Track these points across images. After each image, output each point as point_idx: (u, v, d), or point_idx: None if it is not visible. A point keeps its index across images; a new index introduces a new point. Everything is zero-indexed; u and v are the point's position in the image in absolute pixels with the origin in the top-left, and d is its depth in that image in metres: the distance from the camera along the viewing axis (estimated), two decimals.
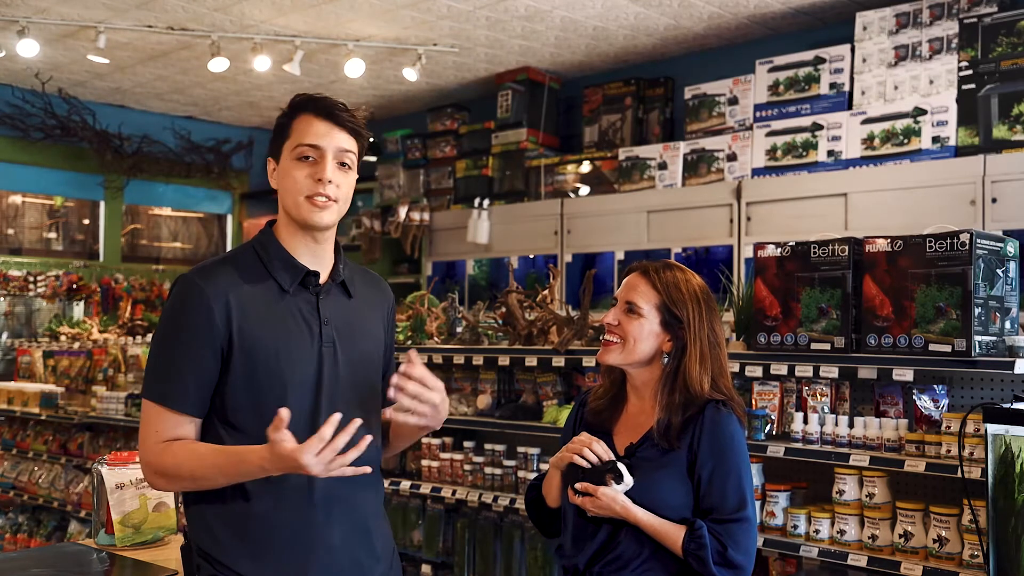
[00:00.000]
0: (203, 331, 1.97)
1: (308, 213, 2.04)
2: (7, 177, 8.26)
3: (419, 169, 8.01)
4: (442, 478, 4.40)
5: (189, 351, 1.97)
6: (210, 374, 1.99)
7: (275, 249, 2.09)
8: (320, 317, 2.07)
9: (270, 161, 2.13)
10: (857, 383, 3.30)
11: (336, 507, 2.05)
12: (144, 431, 2.01)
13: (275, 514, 2.00)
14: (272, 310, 2.03)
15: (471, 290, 7.24)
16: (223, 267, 2.05)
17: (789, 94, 5.83)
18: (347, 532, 2.07)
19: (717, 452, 2.17)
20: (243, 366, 1.98)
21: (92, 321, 7.27)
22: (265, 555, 2.00)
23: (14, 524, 6.71)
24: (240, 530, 2.00)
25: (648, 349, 2.26)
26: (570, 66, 7.21)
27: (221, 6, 6.01)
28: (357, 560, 2.08)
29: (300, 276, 2.07)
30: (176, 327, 2.00)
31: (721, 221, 5.81)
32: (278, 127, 2.11)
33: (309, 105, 2.09)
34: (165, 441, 1.98)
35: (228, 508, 2.00)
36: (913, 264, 2.96)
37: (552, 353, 3.96)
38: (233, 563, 1.99)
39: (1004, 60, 4.97)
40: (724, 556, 2.11)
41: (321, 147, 2.05)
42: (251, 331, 1.99)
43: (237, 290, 2.00)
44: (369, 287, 2.24)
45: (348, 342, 2.10)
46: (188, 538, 2.11)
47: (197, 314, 1.97)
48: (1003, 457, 2.61)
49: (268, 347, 1.99)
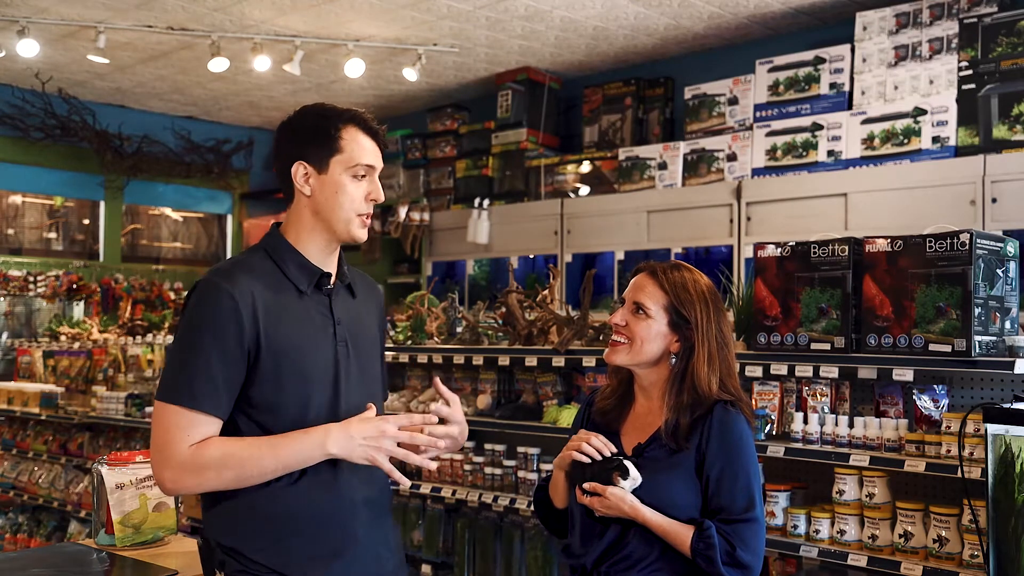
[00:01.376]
0: (232, 333, 2.00)
1: (357, 230, 2.13)
2: (7, 177, 8.26)
3: (419, 169, 8.01)
4: (442, 478, 4.40)
5: (219, 353, 1.99)
6: (238, 375, 2.02)
7: (288, 252, 2.13)
8: (334, 317, 2.14)
9: (303, 166, 2.12)
10: (857, 383, 3.30)
11: (359, 501, 2.11)
12: (169, 436, 1.99)
13: (301, 507, 2.04)
14: (293, 311, 2.08)
15: (471, 290, 7.24)
16: (242, 270, 2.08)
17: (789, 94, 5.83)
18: (368, 525, 2.13)
19: (726, 452, 2.18)
20: (270, 366, 2.03)
21: (92, 321, 7.27)
22: (292, 547, 2.04)
23: (14, 524, 6.71)
24: (266, 524, 2.04)
25: (656, 350, 2.26)
26: (570, 66, 7.21)
27: (221, 6, 6.01)
28: (377, 553, 2.15)
29: (316, 278, 2.13)
30: (204, 330, 2.01)
31: (721, 221, 5.81)
32: (321, 135, 2.11)
33: (359, 121, 2.14)
34: (199, 442, 2.00)
35: (254, 504, 2.03)
36: (913, 264, 2.96)
37: (552, 353, 3.96)
38: (261, 556, 2.03)
39: (1004, 60, 4.97)
40: (733, 556, 2.12)
41: (375, 167, 2.14)
42: (277, 332, 2.04)
43: (260, 292, 2.05)
44: (366, 287, 2.31)
45: (356, 340, 2.18)
46: (207, 537, 2.12)
47: (225, 316, 2.00)
48: (1003, 457, 2.61)
49: (293, 347, 2.05)
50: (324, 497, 2.06)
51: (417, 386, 4.73)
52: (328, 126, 2.12)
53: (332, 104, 2.19)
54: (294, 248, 2.13)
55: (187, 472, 1.99)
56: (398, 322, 5.01)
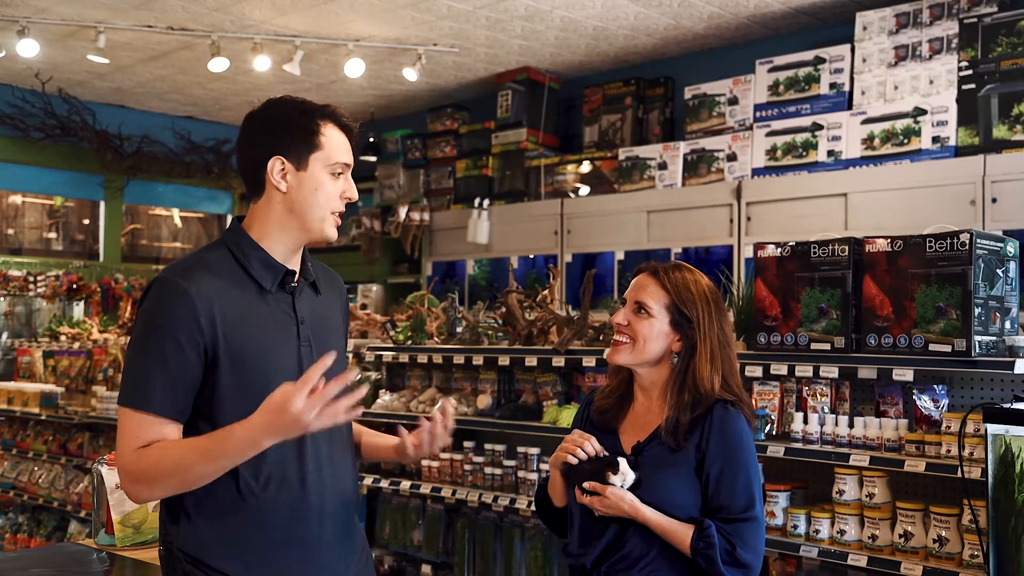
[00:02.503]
0: (187, 333, 1.91)
1: (330, 228, 2.09)
2: (7, 177, 8.26)
3: (419, 169, 8.01)
4: (442, 478, 4.40)
5: (172, 353, 1.91)
6: (193, 377, 1.94)
7: (252, 249, 2.06)
8: (297, 317, 2.07)
9: (280, 160, 2.05)
10: (857, 383, 3.30)
11: (327, 501, 2.05)
12: (122, 440, 1.92)
13: (266, 515, 1.99)
14: (254, 311, 2.01)
15: (471, 290, 7.24)
16: (201, 267, 2.00)
17: (789, 94, 5.83)
18: (336, 527, 2.08)
19: (726, 452, 2.18)
20: (230, 368, 1.96)
21: (92, 321, 7.27)
22: (258, 555, 1.99)
23: (14, 524, 6.71)
24: (231, 532, 1.98)
25: (658, 349, 2.26)
26: (570, 66, 7.21)
27: (221, 6, 6.01)
28: (343, 553, 2.11)
29: (280, 276, 2.06)
30: (158, 329, 1.93)
31: (721, 221, 5.81)
32: (300, 131, 2.06)
33: (336, 119, 2.10)
34: (140, 448, 1.91)
35: (217, 510, 1.97)
36: (913, 264, 2.96)
37: (552, 353, 3.96)
38: (225, 567, 1.97)
39: (1004, 60, 4.97)
40: (733, 555, 2.12)
41: (350, 166, 2.11)
42: (237, 333, 1.97)
43: (219, 291, 1.97)
44: (328, 282, 2.24)
45: (320, 338, 2.11)
46: (168, 546, 2.03)
47: (180, 316, 1.92)
48: (1003, 457, 2.61)
49: (254, 349, 1.98)
50: (289, 499, 2.00)
51: (417, 386, 4.73)
52: (308, 122, 2.06)
53: (303, 98, 2.13)
54: (258, 245, 2.05)
55: (134, 479, 1.92)
56: (398, 322, 5.02)
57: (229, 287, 1.99)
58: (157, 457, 1.89)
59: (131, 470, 1.91)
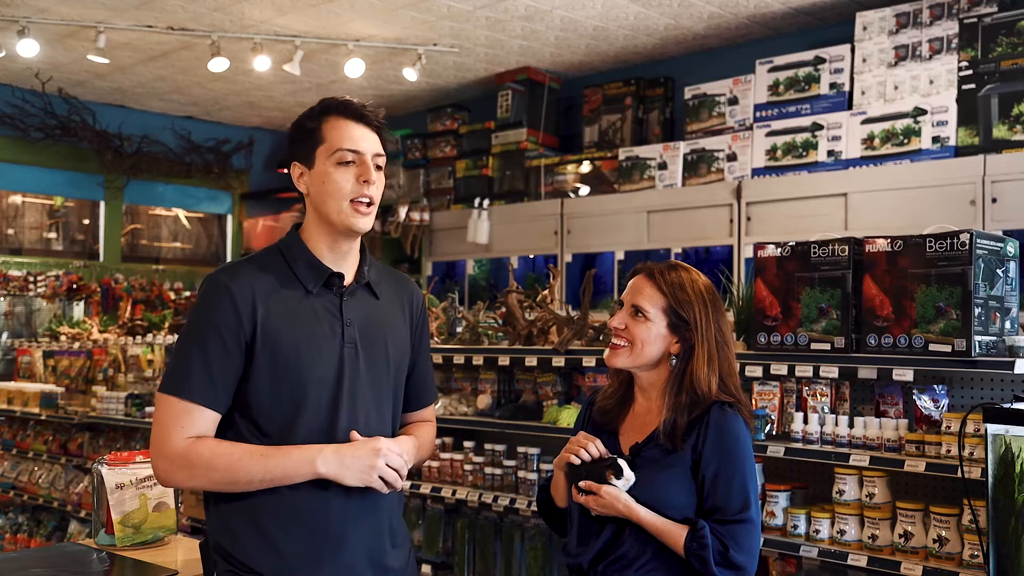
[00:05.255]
0: (230, 327, 2.02)
1: (351, 218, 2.10)
2: (7, 177, 8.26)
3: (419, 169, 8.01)
4: (442, 478, 4.40)
5: (216, 347, 2.01)
6: (235, 369, 2.03)
7: (300, 251, 2.14)
8: (343, 318, 2.12)
9: (296, 166, 2.15)
10: (857, 383, 3.30)
11: (355, 505, 2.09)
12: (165, 426, 2.02)
13: (292, 511, 2.04)
14: (295, 309, 2.08)
15: (471, 290, 7.24)
16: (249, 267, 2.10)
17: (789, 94, 5.83)
18: (366, 529, 2.12)
19: (722, 453, 2.18)
20: (266, 362, 2.04)
21: (92, 321, 7.27)
22: (280, 551, 2.04)
23: (14, 524, 6.71)
24: (258, 529, 2.04)
25: (655, 352, 2.26)
26: (570, 66, 7.21)
27: (221, 6, 6.01)
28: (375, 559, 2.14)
29: (324, 278, 2.13)
30: (203, 324, 2.04)
31: (721, 221, 5.81)
32: (305, 132, 2.13)
33: (340, 109, 2.12)
34: (194, 436, 2.01)
35: (247, 508, 2.04)
36: (913, 264, 2.96)
37: (552, 353, 3.96)
38: (251, 562, 2.03)
39: (1004, 60, 4.97)
40: (726, 556, 2.12)
41: (362, 151, 2.10)
42: (274, 328, 2.04)
43: (262, 289, 2.06)
44: (395, 287, 2.29)
45: (371, 343, 2.15)
46: (206, 535, 2.15)
47: (224, 311, 2.02)
48: (1003, 457, 2.61)
49: (290, 343, 2.05)
50: (316, 501, 2.05)
51: None
52: (308, 122, 2.13)
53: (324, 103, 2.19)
54: (306, 247, 2.15)
55: (178, 465, 2.01)
56: None
57: (274, 285, 2.08)
58: (212, 452, 2.00)
59: (179, 456, 2.00)
